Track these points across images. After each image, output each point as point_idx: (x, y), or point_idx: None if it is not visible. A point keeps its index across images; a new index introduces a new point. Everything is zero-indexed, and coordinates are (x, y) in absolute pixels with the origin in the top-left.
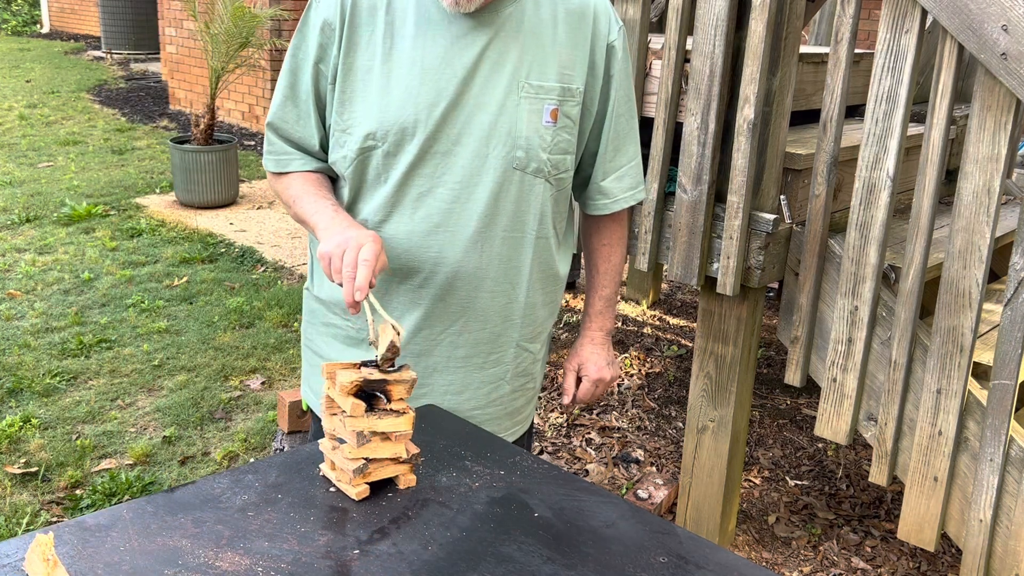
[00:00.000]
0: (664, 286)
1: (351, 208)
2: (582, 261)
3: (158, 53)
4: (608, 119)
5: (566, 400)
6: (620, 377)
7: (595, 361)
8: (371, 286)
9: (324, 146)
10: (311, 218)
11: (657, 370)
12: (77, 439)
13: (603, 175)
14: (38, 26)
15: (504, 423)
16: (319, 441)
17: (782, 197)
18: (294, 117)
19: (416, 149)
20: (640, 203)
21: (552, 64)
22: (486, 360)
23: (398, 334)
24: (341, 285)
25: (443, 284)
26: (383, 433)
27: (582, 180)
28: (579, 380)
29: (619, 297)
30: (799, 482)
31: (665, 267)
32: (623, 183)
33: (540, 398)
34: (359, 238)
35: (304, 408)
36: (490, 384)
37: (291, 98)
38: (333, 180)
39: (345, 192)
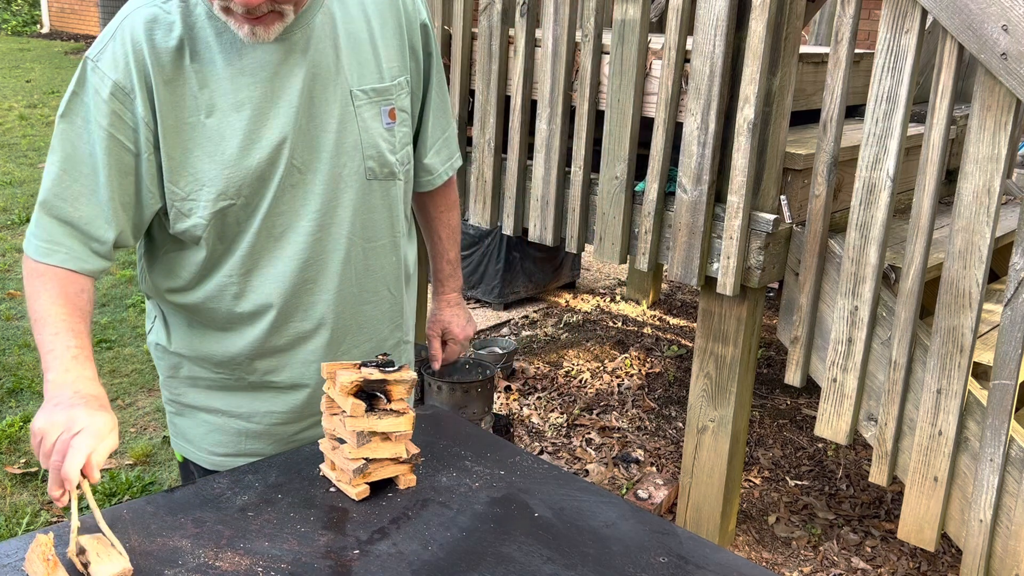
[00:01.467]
0: (664, 286)
1: (211, 269)
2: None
3: None
4: (430, 97)
5: (436, 366)
6: (476, 329)
7: (457, 322)
8: (84, 477)
9: (114, 221)
10: (44, 355)
11: (657, 370)
12: None
13: (427, 151)
14: (38, 26)
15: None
16: (319, 441)
17: (782, 197)
18: (73, 194)
19: (272, 191)
20: (639, 201)
21: (376, 63)
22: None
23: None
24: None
25: (327, 314)
26: (383, 433)
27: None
28: (444, 344)
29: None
30: (799, 482)
31: (665, 267)
32: (441, 155)
33: (540, 398)
34: (80, 420)
35: (180, 460)
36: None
37: (70, 172)
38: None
39: (199, 255)
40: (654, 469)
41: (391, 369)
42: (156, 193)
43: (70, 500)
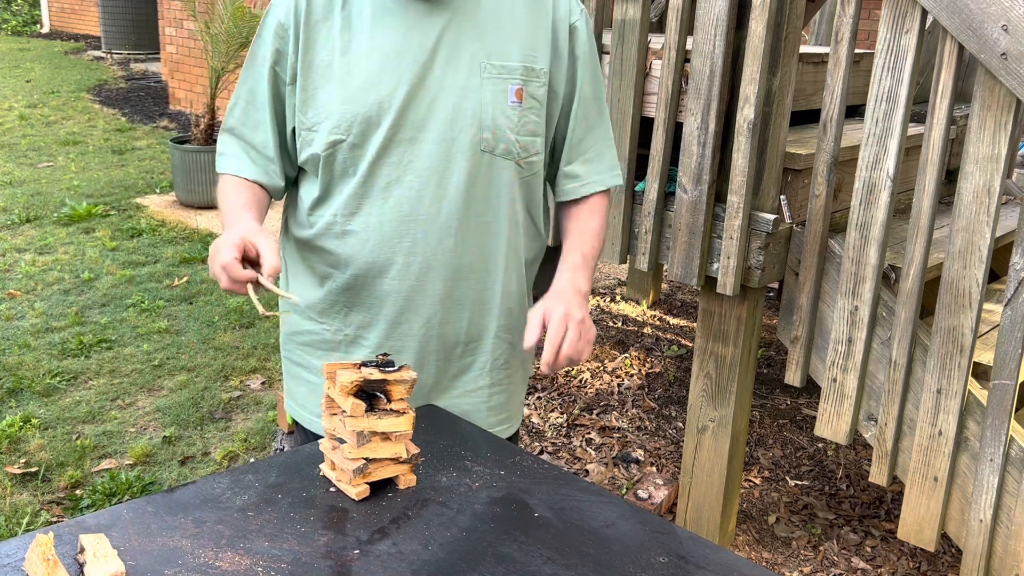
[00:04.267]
0: (664, 286)
1: (320, 204)
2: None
3: (158, 53)
4: (576, 101)
5: (527, 345)
6: (597, 335)
7: (561, 304)
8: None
9: (281, 151)
10: (227, 219)
11: (657, 370)
12: (77, 439)
13: (572, 158)
14: (38, 26)
15: (486, 419)
16: (319, 441)
17: (782, 197)
18: (253, 122)
19: (381, 138)
20: (639, 201)
21: (513, 44)
22: (464, 351)
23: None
24: (228, 290)
25: (418, 275)
26: (383, 433)
27: (554, 167)
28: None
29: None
30: (799, 482)
31: (665, 267)
32: (594, 165)
33: (540, 398)
34: (244, 232)
35: (289, 421)
36: (467, 375)
37: (251, 103)
38: (269, 194)
39: (315, 190)
40: (654, 469)
41: (391, 369)
42: (296, 117)
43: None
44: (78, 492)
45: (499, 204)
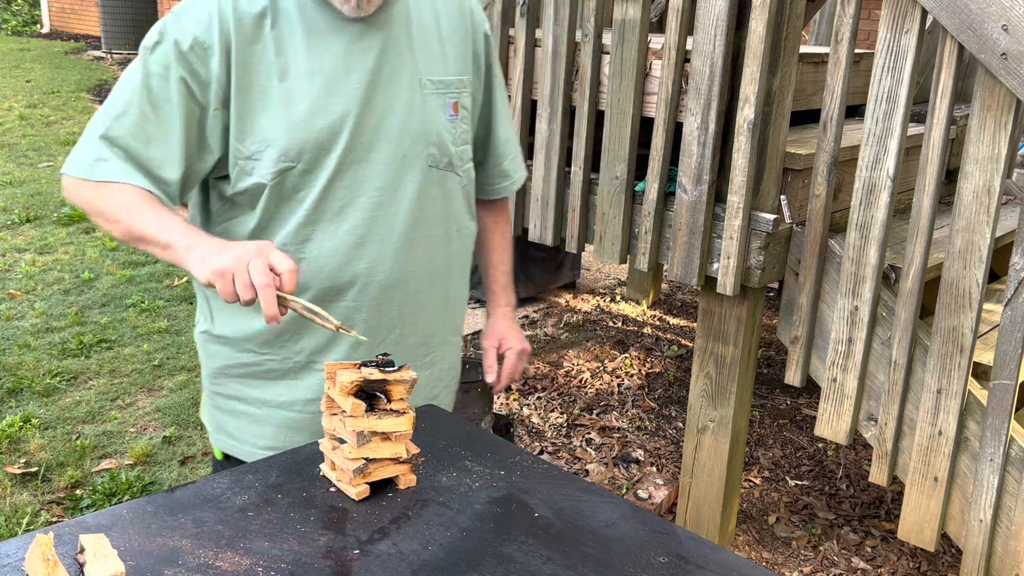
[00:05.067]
0: (664, 286)
1: (261, 234)
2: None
3: None
4: (495, 106)
5: (491, 378)
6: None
7: (514, 334)
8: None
9: (184, 176)
10: (163, 233)
11: (657, 370)
12: (77, 439)
13: (501, 159)
14: (38, 26)
15: None
16: (319, 441)
17: (782, 197)
18: (146, 136)
19: (334, 162)
20: (639, 201)
21: (444, 58)
22: (422, 363)
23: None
24: (249, 304)
25: (376, 296)
26: (383, 433)
27: (485, 169)
28: (500, 358)
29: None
30: (799, 482)
31: (665, 267)
32: (516, 163)
33: (540, 398)
34: (258, 247)
35: (219, 457)
36: (427, 387)
37: (150, 117)
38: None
39: (251, 220)
40: (654, 469)
41: (391, 369)
42: (215, 148)
43: (292, 310)
44: (78, 492)
45: (447, 215)
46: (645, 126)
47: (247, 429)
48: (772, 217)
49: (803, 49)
